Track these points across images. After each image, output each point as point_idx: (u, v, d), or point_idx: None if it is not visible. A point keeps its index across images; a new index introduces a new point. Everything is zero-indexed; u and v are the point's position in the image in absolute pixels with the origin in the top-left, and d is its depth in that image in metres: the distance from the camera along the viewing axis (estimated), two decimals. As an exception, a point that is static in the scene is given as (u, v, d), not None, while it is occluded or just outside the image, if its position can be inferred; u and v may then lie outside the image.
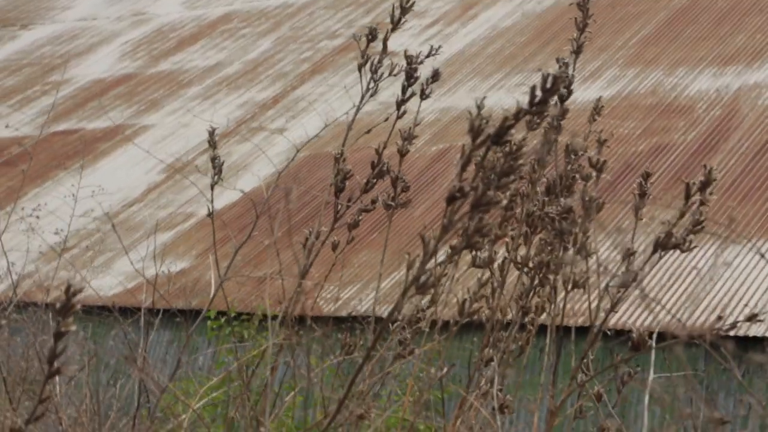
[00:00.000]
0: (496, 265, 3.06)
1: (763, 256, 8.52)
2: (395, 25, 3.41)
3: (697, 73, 12.65)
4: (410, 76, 3.26)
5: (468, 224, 2.09)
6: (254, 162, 13.33)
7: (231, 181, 13.35)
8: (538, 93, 1.98)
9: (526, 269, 3.13)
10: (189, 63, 17.45)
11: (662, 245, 2.42)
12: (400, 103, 3.29)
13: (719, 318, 2.48)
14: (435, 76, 3.21)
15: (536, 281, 3.13)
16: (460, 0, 16.16)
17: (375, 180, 3.29)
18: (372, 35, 3.36)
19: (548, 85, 1.98)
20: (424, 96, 3.23)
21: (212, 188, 3.36)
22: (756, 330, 8.00)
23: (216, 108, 15.54)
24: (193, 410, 2.68)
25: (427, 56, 3.37)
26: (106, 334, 9.75)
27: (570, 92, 2.79)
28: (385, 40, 3.43)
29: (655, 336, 2.86)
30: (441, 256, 2.39)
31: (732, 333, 2.19)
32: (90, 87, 17.53)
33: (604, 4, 14.03)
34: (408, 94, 3.25)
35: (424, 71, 3.36)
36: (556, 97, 2.44)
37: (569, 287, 2.68)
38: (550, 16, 15.19)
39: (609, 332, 3.20)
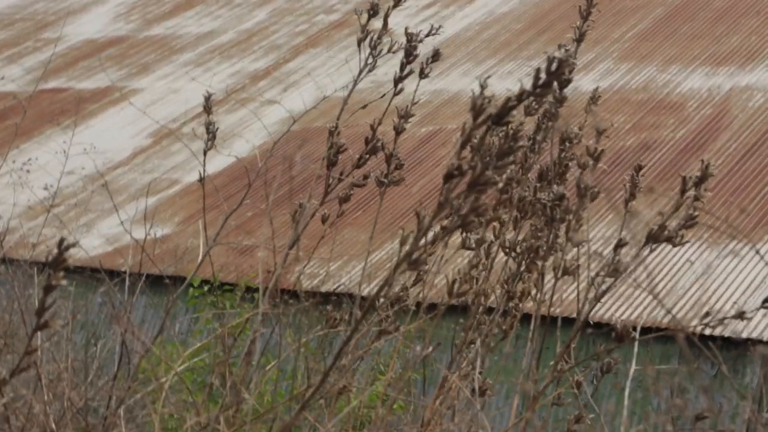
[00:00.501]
0: (484, 247, 3.07)
1: (759, 253, 8.56)
2: (397, 2, 3.41)
3: (690, 71, 12.67)
4: (409, 54, 3.25)
5: (463, 203, 2.09)
6: (242, 132, 13.30)
7: (217, 149, 13.29)
8: (543, 75, 1.98)
9: (513, 254, 3.13)
10: (183, 29, 17.38)
11: (654, 238, 2.42)
12: (397, 80, 3.29)
13: (707, 314, 2.49)
14: (435, 55, 3.20)
15: (523, 266, 3.13)
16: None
17: (368, 156, 3.29)
18: (373, 11, 3.35)
19: (553, 68, 1.97)
20: (423, 75, 3.22)
21: (205, 154, 3.35)
22: (733, 330, 8.04)
23: (207, 76, 15.47)
24: (175, 373, 2.68)
25: (427, 35, 3.36)
26: (86, 294, 9.73)
27: (570, 79, 2.79)
28: (385, 17, 3.43)
29: (638, 329, 2.88)
30: (431, 235, 2.39)
31: (718, 330, 2.19)
32: (81, 47, 17.44)
33: (604, -2, 14.03)
34: (406, 71, 3.24)
35: (420, 50, 3.35)
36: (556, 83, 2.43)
37: (559, 274, 2.69)
38: (547, 5, 15.17)
39: (592, 323, 3.21)
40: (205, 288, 8.97)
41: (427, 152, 12.44)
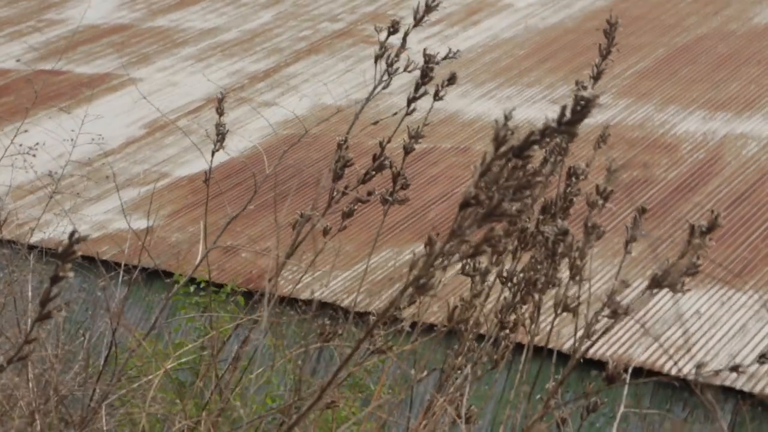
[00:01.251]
0: (480, 275, 3.06)
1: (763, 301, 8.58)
2: (417, 22, 3.41)
3: (687, 114, 12.72)
4: (425, 75, 3.26)
5: (464, 231, 2.08)
6: (237, 132, 13.29)
7: (210, 147, 13.28)
8: (568, 114, 1.98)
9: (510, 284, 3.13)
10: (187, 23, 17.37)
11: (657, 283, 2.43)
12: (411, 101, 3.29)
13: (700, 365, 2.49)
14: (451, 79, 3.21)
15: (518, 298, 3.13)
16: (465, 4, 16.17)
17: (374, 172, 3.29)
18: (394, 29, 3.35)
19: (579, 107, 1.97)
20: (437, 98, 3.22)
21: (213, 154, 3.34)
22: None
23: (207, 72, 15.47)
24: (165, 371, 2.67)
25: (445, 58, 3.37)
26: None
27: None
28: (405, 36, 3.43)
29: (630, 370, 2.87)
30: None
31: (712, 381, 2.19)
32: (84, 31, 17.41)
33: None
34: (421, 92, 3.25)
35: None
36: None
37: (559, 310, 2.69)
38: (551, 33, 15.23)
39: (583, 360, 3.21)
40: (191, 288, 8.94)
41: (419, 169, 12.45)
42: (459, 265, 3.18)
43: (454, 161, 12.25)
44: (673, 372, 7.76)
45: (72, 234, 1.98)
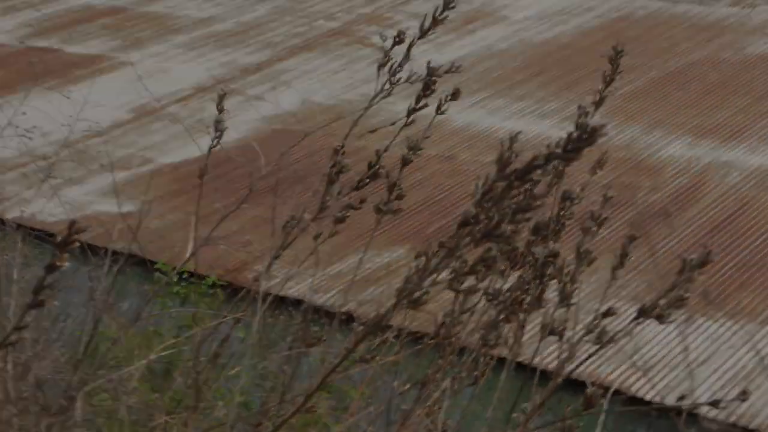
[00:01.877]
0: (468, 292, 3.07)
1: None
2: (423, 34, 3.42)
3: (673, 138, 12.78)
4: (427, 87, 3.27)
5: (454, 249, 2.09)
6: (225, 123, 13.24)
7: (197, 137, 13.27)
8: (573, 141, 1.99)
9: (495, 302, 3.14)
10: (182, 10, 17.34)
11: (646, 313, 2.44)
12: (411, 111, 3.30)
13: (681, 397, 2.51)
14: (455, 94, 3.22)
15: (502, 316, 3.14)
16: (462, 12, 16.19)
17: (369, 180, 3.29)
18: (400, 39, 3.36)
19: (585, 135, 1.98)
20: (439, 111, 3.24)
21: (210, 150, 3.34)
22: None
23: (199, 62, 15.45)
24: (148, 361, 2.67)
25: (447, 72, 3.37)
26: (41, 257, 9.64)
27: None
28: (409, 47, 3.44)
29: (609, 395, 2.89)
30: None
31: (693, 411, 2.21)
32: (79, 11, 17.35)
33: (602, 51, 14.11)
34: (421, 104, 3.26)
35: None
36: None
37: (546, 333, 2.70)
38: (545, 48, 15.27)
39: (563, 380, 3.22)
40: (174, 278, 8.92)
41: (402, 174, 12.46)
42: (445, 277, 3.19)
43: (438, 168, 12.26)
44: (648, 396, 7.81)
45: (72, 224, 1.98)
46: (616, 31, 15.29)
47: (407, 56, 3.33)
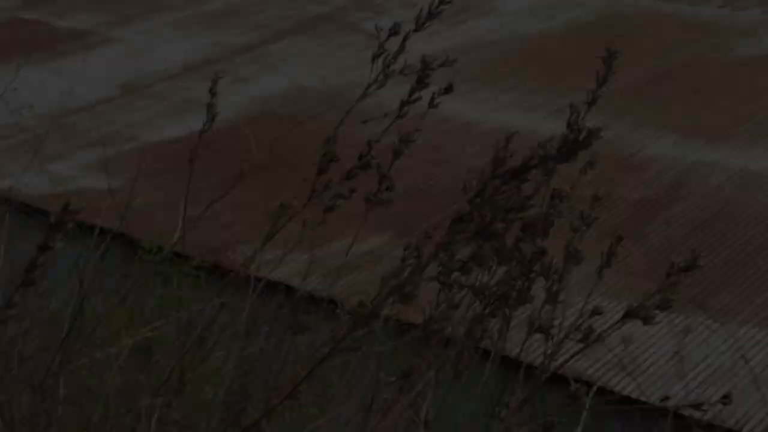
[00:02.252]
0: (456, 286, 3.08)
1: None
2: (418, 27, 3.43)
3: (659, 137, 12.80)
4: (421, 81, 3.27)
5: (443, 247, 2.10)
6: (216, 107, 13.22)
7: (182, 116, 13.24)
8: (569, 143, 2.00)
9: (481, 296, 3.15)
10: (172, -12, 17.29)
11: (632, 314, 2.46)
12: (403, 104, 3.31)
13: (666, 398, 2.53)
14: (448, 88, 3.23)
15: (488, 310, 3.16)
16: (452, 2, 16.19)
17: (358, 170, 3.30)
18: (395, 31, 3.37)
19: (581, 138, 1.99)
20: (432, 105, 3.25)
21: (200, 135, 3.34)
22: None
23: (188, 41, 15.41)
24: (134, 342, 2.67)
25: (441, 65, 3.38)
26: (22, 233, 9.61)
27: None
28: (404, 39, 3.45)
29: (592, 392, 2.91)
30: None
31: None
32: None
33: (594, 47, 14.13)
34: (415, 97, 3.27)
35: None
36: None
37: (532, 330, 2.72)
38: (535, 41, 15.28)
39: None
40: (157, 257, 8.90)
41: (386, 162, 12.46)
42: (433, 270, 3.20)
43: (423, 157, 12.27)
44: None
45: (66, 205, 1.98)
46: (605, 27, 15.32)
47: (402, 48, 3.34)
